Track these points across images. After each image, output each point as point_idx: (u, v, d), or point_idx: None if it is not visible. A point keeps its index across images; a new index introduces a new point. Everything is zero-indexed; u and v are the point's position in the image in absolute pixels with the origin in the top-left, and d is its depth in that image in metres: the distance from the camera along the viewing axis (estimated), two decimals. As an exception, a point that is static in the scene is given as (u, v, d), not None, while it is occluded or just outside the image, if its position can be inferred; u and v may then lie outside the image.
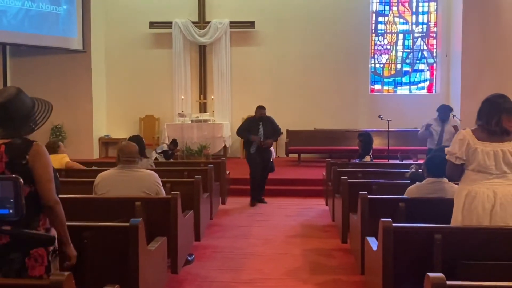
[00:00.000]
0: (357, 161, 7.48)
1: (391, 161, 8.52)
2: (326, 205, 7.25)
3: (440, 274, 2.06)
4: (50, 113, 2.55)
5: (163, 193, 4.27)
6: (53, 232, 2.54)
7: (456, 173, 3.33)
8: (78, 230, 3.13)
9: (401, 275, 3.06)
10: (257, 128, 7.64)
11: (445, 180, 4.02)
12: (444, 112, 7.64)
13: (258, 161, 7.61)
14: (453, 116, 8.78)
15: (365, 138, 7.56)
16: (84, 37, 11.26)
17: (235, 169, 9.21)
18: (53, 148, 6.24)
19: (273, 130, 7.77)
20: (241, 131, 7.82)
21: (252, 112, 11.87)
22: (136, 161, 4.31)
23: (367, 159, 7.47)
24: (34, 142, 2.44)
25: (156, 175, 4.29)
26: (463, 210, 3.22)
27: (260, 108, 7.79)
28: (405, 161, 8.74)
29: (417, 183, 4.16)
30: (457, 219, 3.25)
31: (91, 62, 11.43)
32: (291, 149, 11.03)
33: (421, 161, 5.84)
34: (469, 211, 3.19)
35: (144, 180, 4.18)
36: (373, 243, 3.55)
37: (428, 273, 2.09)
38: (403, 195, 4.22)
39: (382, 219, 3.12)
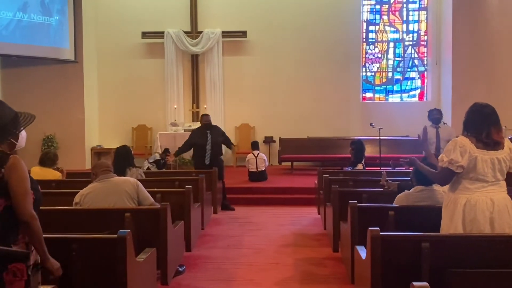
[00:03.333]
0: (350, 169, 7.49)
1: (383, 169, 8.53)
2: (318, 213, 7.25)
3: (425, 283, 2.06)
4: (29, 123, 2.53)
5: (142, 189, 4.30)
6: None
7: (450, 179, 3.29)
8: (66, 242, 3.12)
9: (389, 284, 3.05)
10: (206, 137, 7.67)
11: (434, 188, 4.04)
12: (433, 115, 7.66)
13: None
14: (444, 123, 8.84)
15: (357, 146, 7.60)
16: (76, 47, 11.26)
17: (228, 178, 9.16)
18: (53, 160, 6.15)
19: (224, 140, 7.88)
20: (182, 147, 7.80)
21: (244, 121, 12.04)
22: (112, 171, 4.40)
23: (360, 167, 7.50)
24: (11, 155, 2.42)
25: (133, 179, 4.40)
26: (464, 219, 3.19)
27: (205, 116, 7.87)
28: (397, 169, 8.76)
29: (405, 191, 4.17)
30: (456, 228, 3.21)
31: (83, 72, 11.41)
32: (283, 157, 11.03)
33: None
34: (471, 219, 3.18)
35: (124, 183, 4.27)
36: (362, 251, 3.55)
37: (413, 283, 2.09)
38: (393, 203, 4.23)
39: (370, 227, 3.12)
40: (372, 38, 12.36)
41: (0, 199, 2.36)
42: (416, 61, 12.37)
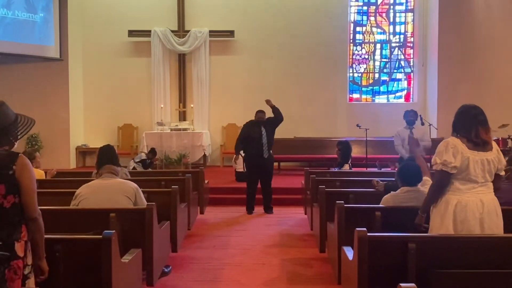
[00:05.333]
0: (336, 170, 7.52)
1: (369, 169, 8.58)
2: (305, 214, 7.25)
3: (412, 284, 2.06)
4: (30, 128, 2.59)
5: (141, 195, 4.30)
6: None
7: (447, 181, 3.26)
8: (50, 243, 3.06)
9: (376, 284, 3.06)
10: (260, 130, 7.56)
11: (419, 188, 4.06)
12: (408, 117, 7.72)
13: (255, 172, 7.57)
14: (430, 124, 8.91)
15: (344, 147, 7.63)
16: (61, 45, 11.13)
17: (215, 178, 9.17)
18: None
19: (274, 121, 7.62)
20: (237, 144, 7.64)
21: (230, 121, 11.99)
22: (117, 176, 4.40)
23: (346, 168, 7.53)
24: (19, 154, 2.50)
25: (133, 184, 4.38)
26: (454, 219, 3.21)
27: (260, 113, 7.70)
28: (383, 169, 8.82)
29: (391, 192, 4.19)
30: (448, 229, 3.23)
31: (68, 71, 11.29)
32: (270, 157, 11.00)
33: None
34: (461, 220, 3.20)
35: (126, 184, 4.29)
36: (349, 252, 3.55)
37: (400, 284, 2.09)
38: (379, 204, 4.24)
39: (357, 228, 3.12)
40: (359, 39, 12.43)
41: (9, 196, 2.43)
42: (402, 63, 12.46)
